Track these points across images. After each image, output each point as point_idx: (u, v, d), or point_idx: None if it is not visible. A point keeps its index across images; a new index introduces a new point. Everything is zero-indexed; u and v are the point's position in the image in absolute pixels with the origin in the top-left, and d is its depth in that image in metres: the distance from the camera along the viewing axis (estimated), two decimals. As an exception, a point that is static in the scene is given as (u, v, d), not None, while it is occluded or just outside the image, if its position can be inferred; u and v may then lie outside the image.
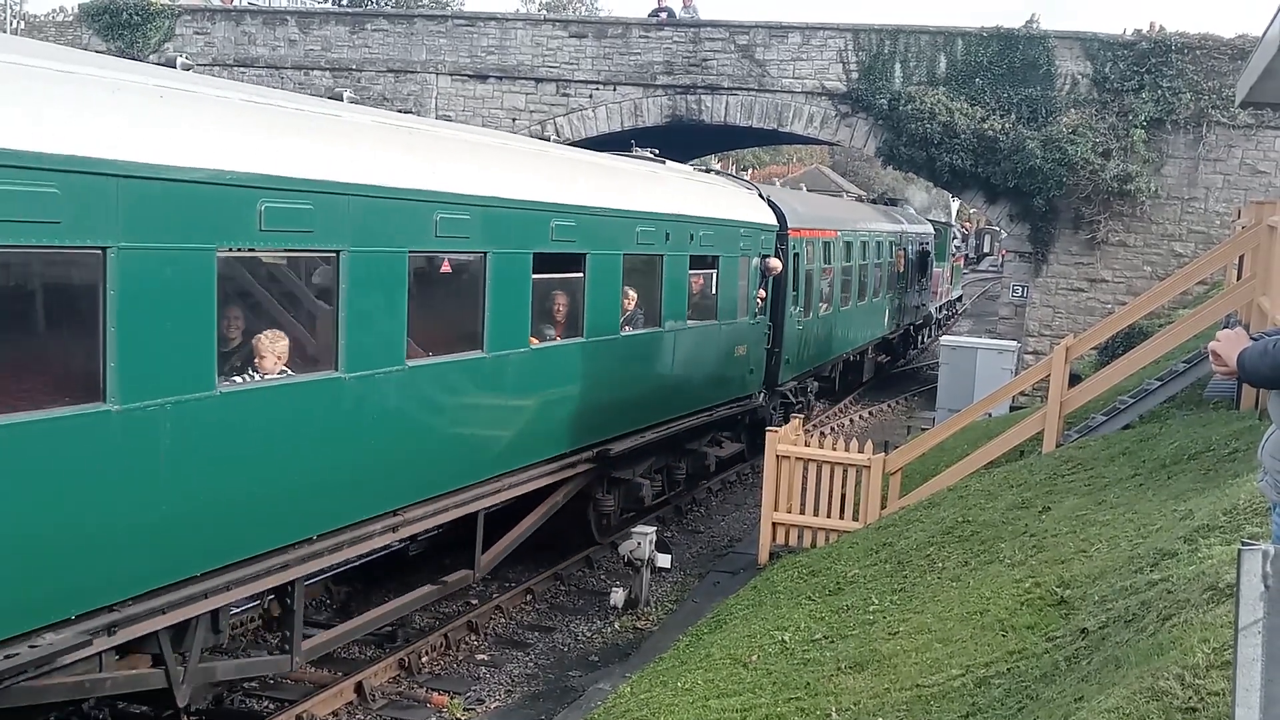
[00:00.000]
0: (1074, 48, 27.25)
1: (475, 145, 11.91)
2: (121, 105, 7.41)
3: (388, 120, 10.88)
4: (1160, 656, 5.70)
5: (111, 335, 7.17)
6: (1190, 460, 10.91)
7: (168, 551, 7.78)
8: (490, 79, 30.49)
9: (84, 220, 6.90)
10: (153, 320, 7.43)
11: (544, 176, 12.63)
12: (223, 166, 7.92)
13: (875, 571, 10.97)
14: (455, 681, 11.53)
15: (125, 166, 7.15)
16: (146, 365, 7.41)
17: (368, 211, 9.37)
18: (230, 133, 8.23)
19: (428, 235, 10.24)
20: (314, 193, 8.78)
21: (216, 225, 7.91)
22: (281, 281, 9.49)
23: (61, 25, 34.05)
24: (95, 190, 6.96)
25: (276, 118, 8.93)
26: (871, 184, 66.53)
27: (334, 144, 9.37)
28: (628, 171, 15.59)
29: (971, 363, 23.67)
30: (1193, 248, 26.07)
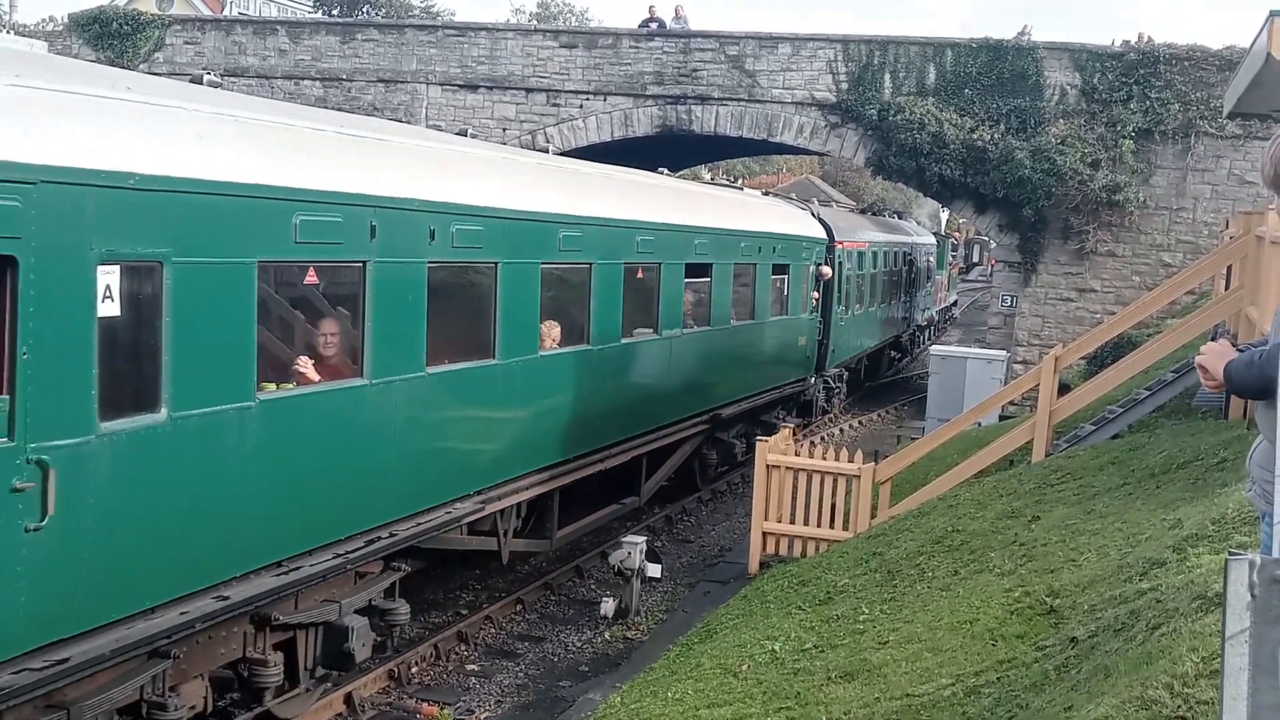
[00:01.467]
0: (1063, 58, 27.36)
1: (623, 182, 16.24)
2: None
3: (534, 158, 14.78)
4: (1149, 665, 5.71)
5: (368, 328, 9.65)
6: (1179, 470, 10.94)
7: (503, 461, 12.17)
8: (481, 89, 30.51)
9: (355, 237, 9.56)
10: (392, 318, 9.93)
11: (688, 207, 17.46)
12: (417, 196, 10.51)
13: (865, 581, 10.97)
14: (445, 692, 11.52)
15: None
16: (386, 354, 9.86)
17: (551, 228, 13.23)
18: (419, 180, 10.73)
19: (631, 250, 14.86)
20: (486, 217, 11.56)
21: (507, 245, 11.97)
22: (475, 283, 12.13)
23: (51, 34, 34.02)
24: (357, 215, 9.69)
25: (390, 154, 10.67)
26: (861, 194, 66.61)
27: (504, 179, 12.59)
28: (730, 200, 20.75)
29: (961, 372, 23.71)
30: (1181, 257, 26.16)
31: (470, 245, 11.16)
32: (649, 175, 18.09)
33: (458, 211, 10.85)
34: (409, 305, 10.20)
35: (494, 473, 12.01)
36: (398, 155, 10.64)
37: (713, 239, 17.57)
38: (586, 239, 13.54)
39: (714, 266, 17.65)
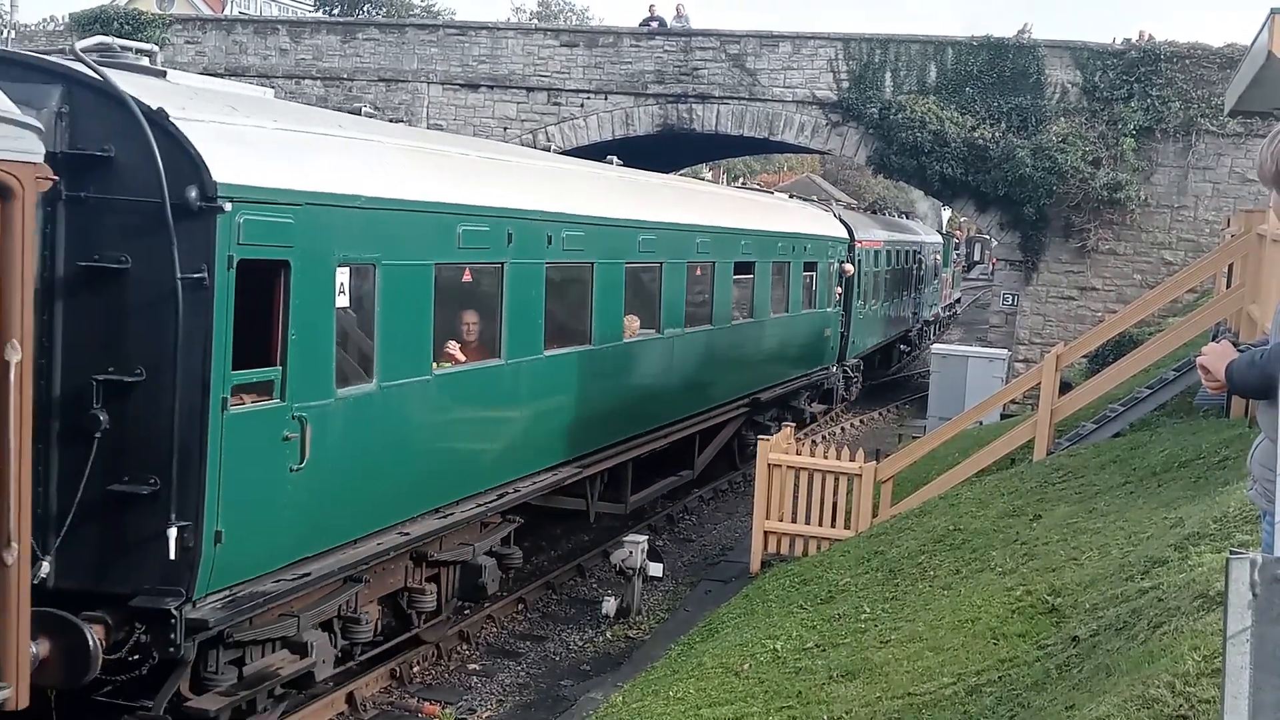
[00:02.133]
0: (1064, 57, 27.36)
1: (683, 190, 19.50)
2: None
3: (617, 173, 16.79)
4: (1151, 664, 5.72)
5: (505, 318, 11.64)
6: (1181, 468, 10.94)
7: (593, 434, 14.04)
8: (482, 88, 30.51)
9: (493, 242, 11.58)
10: (521, 310, 11.93)
11: (734, 211, 19.79)
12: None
13: (867, 580, 10.98)
14: (447, 691, 11.52)
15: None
16: (517, 339, 11.94)
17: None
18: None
19: (692, 250, 16.83)
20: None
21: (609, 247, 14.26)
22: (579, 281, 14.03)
23: (52, 35, 34.03)
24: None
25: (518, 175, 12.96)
26: (862, 192, 66.58)
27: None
28: (767, 204, 23.12)
29: (962, 371, 23.72)
30: (1182, 256, 26.15)
31: (575, 248, 13.24)
32: (701, 184, 21.91)
33: (566, 220, 12.97)
34: (533, 299, 12.32)
35: (586, 443, 13.97)
36: (521, 173, 13.16)
37: (755, 240, 19.71)
38: (658, 241, 15.59)
39: (756, 265, 19.70)
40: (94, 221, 7.82)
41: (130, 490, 7.84)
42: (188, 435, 7.89)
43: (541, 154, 15.05)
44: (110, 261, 7.82)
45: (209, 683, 8.65)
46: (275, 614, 8.92)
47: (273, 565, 8.76)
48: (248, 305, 8.23)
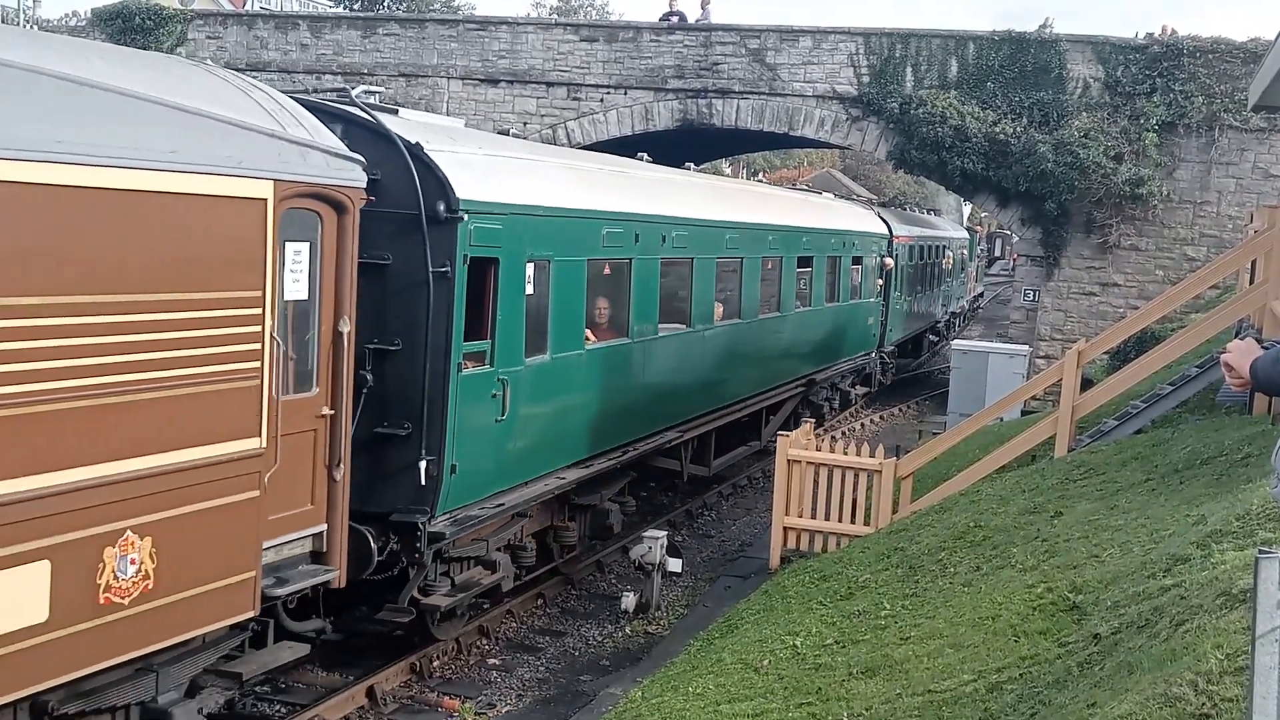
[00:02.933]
0: (1085, 51, 27.21)
1: (756, 194, 23.10)
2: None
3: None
4: (1173, 662, 5.69)
5: (632, 304, 14.28)
6: (1203, 465, 10.88)
7: (689, 405, 16.53)
8: (501, 83, 30.52)
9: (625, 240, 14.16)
10: (643, 297, 14.54)
11: (795, 211, 22.22)
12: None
13: (887, 576, 10.95)
14: (466, 686, 11.54)
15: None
16: (639, 321, 14.54)
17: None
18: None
19: (765, 246, 19.28)
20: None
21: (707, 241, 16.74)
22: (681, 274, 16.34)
23: (74, 30, 34.15)
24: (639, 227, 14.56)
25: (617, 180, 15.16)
26: (882, 187, 66.44)
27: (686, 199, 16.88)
28: (819, 204, 25.26)
29: (983, 367, 23.63)
30: (1205, 252, 25.99)
31: (680, 246, 15.58)
32: (769, 187, 25.40)
33: (675, 222, 15.49)
34: (651, 288, 14.85)
35: (683, 412, 16.36)
36: (641, 183, 15.76)
37: (813, 237, 22.12)
38: (739, 239, 17.85)
39: (814, 259, 22.11)
40: (365, 228, 9.55)
41: (390, 432, 10.20)
42: (434, 391, 10.28)
43: (650, 166, 17.54)
44: (377, 258, 9.93)
45: (430, 589, 10.97)
46: (469, 538, 11.16)
47: (482, 495, 11.24)
48: (470, 292, 10.64)
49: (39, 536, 6.66)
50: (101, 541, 7.05)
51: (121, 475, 7.11)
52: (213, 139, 7.86)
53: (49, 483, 6.71)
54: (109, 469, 7.05)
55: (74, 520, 6.85)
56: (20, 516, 6.53)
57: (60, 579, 6.80)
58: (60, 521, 6.78)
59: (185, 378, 7.57)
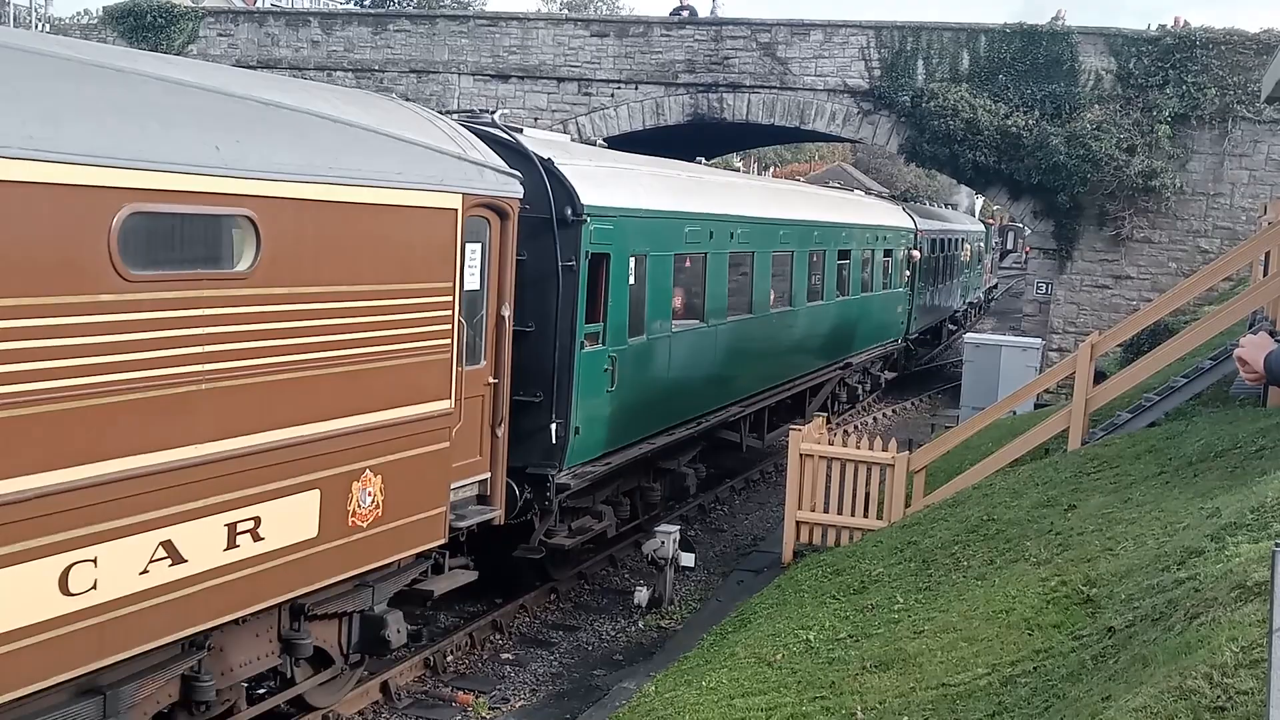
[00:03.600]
0: (1098, 43, 27.14)
1: (803, 193, 24.50)
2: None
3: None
4: (1188, 655, 5.68)
5: (707, 292, 16.45)
6: (1217, 458, 10.85)
7: (750, 382, 18.75)
8: (512, 79, 30.53)
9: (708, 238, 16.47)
10: (715, 286, 16.67)
11: (836, 209, 24.11)
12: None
13: (900, 570, 10.94)
14: (481, 680, 11.57)
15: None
16: (713, 307, 16.70)
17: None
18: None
19: (811, 240, 21.34)
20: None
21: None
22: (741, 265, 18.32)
23: (86, 28, 34.24)
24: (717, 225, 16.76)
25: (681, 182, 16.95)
26: (894, 181, 66.30)
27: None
28: (855, 201, 27.30)
29: (996, 360, 23.58)
30: (1218, 244, 25.93)
31: (744, 241, 17.71)
32: (812, 187, 27.31)
33: (740, 220, 17.65)
34: (721, 279, 16.93)
35: (743, 389, 18.36)
36: (711, 186, 17.81)
37: (851, 231, 24.22)
38: (790, 234, 20.03)
39: (852, 252, 24.21)
40: None
41: (526, 399, 12.02)
42: (562, 365, 12.39)
43: (717, 170, 20.07)
44: (515, 255, 11.33)
45: (552, 533, 13.00)
46: (584, 490, 13.26)
47: (595, 454, 13.32)
48: (589, 283, 12.68)
49: (313, 470, 8.59)
50: (351, 476, 8.98)
51: (363, 426, 9.06)
52: (421, 162, 9.82)
53: (323, 429, 8.63)
54: (357, 420, 9.01)
55: (334, 460, 8.78)
56: (303, 455, 8.45)
57: (325, 505, 8.73)
58: (326, 460, 8.68)
59: (405, 350, 9.52)
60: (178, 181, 7.29)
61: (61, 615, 6.72)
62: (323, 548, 8.74)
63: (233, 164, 7.69)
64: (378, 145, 9.34)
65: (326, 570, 8.87)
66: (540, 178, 12.06)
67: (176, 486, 7.38)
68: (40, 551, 6.55)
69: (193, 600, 7.64)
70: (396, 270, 9.39)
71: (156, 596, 7.34)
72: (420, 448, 9.75)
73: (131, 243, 7.00)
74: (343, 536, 8.93)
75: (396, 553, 9.72)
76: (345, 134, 9.05)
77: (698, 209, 16.10)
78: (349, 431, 8.88)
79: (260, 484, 8.09)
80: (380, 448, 9.25)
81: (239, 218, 7.84)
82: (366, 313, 9.04)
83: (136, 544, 7.16)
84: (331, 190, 8.56)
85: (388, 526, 9.41)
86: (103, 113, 7.07)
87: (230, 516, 7.86)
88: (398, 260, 9.41)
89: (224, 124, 7.91)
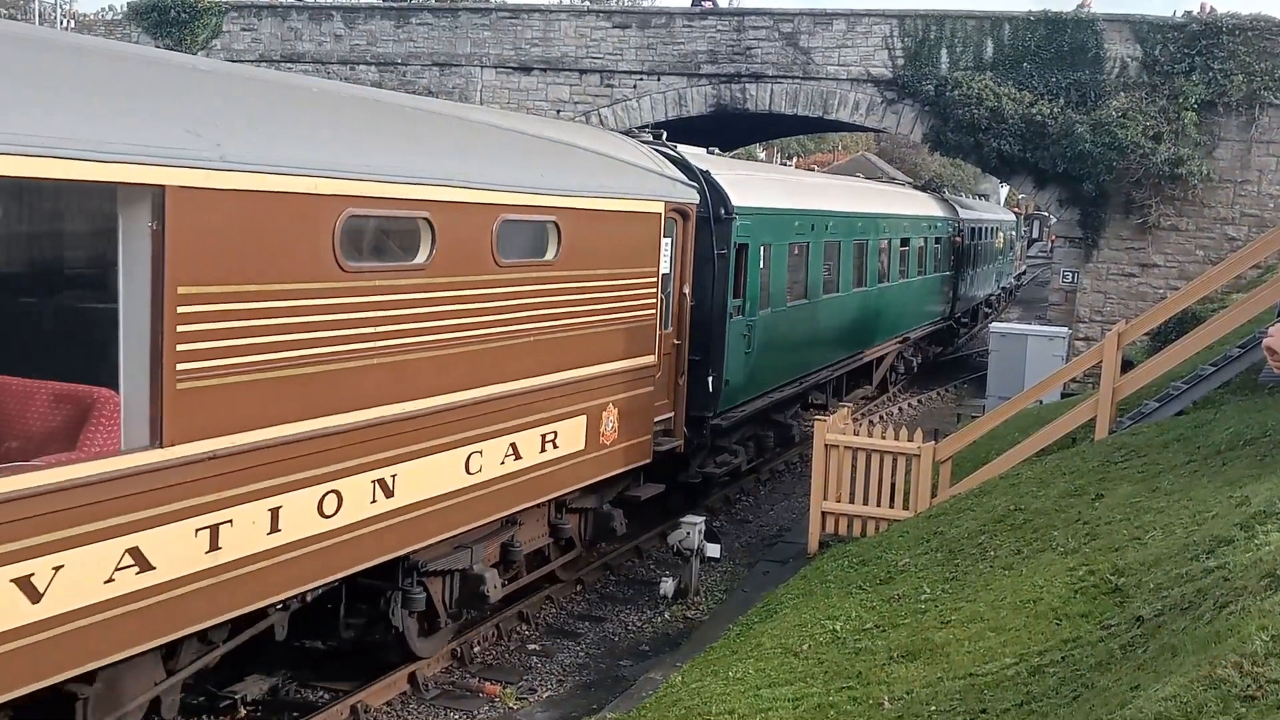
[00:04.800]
0: (1123, 30, 26.95)
1: (875, 190, 28.40)
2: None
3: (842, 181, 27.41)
4: (1217, 644, 5.65)
5: (809, 274, 19.94)
6: (1246, 446, 10.78)
7: (838, 350, 22.59)
8: (534, 71, 30.55)
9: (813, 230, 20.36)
10: (814, 268, 20.03)
11: (898, 203, 28.15)
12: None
13: (926, 560, 10.92)
14: (507, 671, 11.61)
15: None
16: (814, 286, 20.21)
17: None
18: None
19: (881, 231, 24.93)
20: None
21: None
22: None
23: (110, 24, 34.43)
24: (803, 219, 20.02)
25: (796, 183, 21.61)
26: (918, 170, 66.06)
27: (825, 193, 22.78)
28: (908, 195, 31.49)
29: (1022, 349, 23.50)
30: (1246, 231, 25.72)
31: (835, 231, 21.27)
32: (878, 184, 31.02)
33: (832, 215, 21.26)
34: (818, 263, 20.38)
35: (830, 357, 21.99)
36: (809, 186, 21.64)
37: (910, 221, 27.74)
38: (865, 225, 23.57)
39: (910, 240, 27.53)
40: None
41: (695, 358, 15.06)
42: (717, 330, 15.84)
43: (810, 173, 24.48)
44: (693, 246, 14.58)
45: (704, 464, 16.55)
46: (728, 430, 16.93)
47: (737, 403, 16.93)
48: (735, 266, 16.18)
49: (582, 401, 11.94)
50: (601, 407, 12.34)
51: (609, 372, 12.44)
52: (638, 179, 13.31)
53: (586, 373, 11.98)
54: (606, 367, 12.39)
55: (593, 395, 12.15)
56: (576, 390, 11.78)
57: (589, 426, 12.14)
58: (588, 395, 12.04)
59: (631, 318, 12.91)
60: (527, 199, 10.78)
61: (466, 486, 10.14)
62: (586, 457, 12.19)
63: (546, 186, 11.10)
64: (613, 168, 12.93)
65: (587, 474, 12.31)
66: (701, 186, 15.13)
67: (516, 407, 10.76)
68: (453, 443, 9.94)
69: (519, 488, 10.98)
70: (627, 259, 12.79)
71: (502, 483, 10.66)
72: (638, 389, 13.22)
73: (503, 239, 10.37)
74: (596, 450, 12.39)
75: (624, 465, 13.13)
76: (600, 162, 12.87)
77: (802, 206, 19.67)
78: (600, 375, 12.28)
79: (556, 409, 11.45)
80: (617, 388, 12.68)
81: (548, 223, 11.26)
82: (610, 290, 12.39)
83: (502, 444, 10.63)
84: (593, 201, 12.00)
85: (620, 446, 12.91)
86: (461, 152, 10.49)
87: (544, 430, 11.30)
88: (627, 251, 12.80)
89: (536, 158, 11.52)
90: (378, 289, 8.84)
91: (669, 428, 14.39)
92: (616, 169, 12.91)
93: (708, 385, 15.49)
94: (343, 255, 8.41)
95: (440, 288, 9.53)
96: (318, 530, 8.46)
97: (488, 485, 10.39)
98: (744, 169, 19.21)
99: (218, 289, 7.45)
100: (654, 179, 13.69)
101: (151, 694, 8.03)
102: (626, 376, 12.79)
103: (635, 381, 13.03)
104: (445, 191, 9.48)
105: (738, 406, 16.86)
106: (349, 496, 8.71)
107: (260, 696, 9.85)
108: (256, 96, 8.82)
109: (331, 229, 8.29)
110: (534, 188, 10.79)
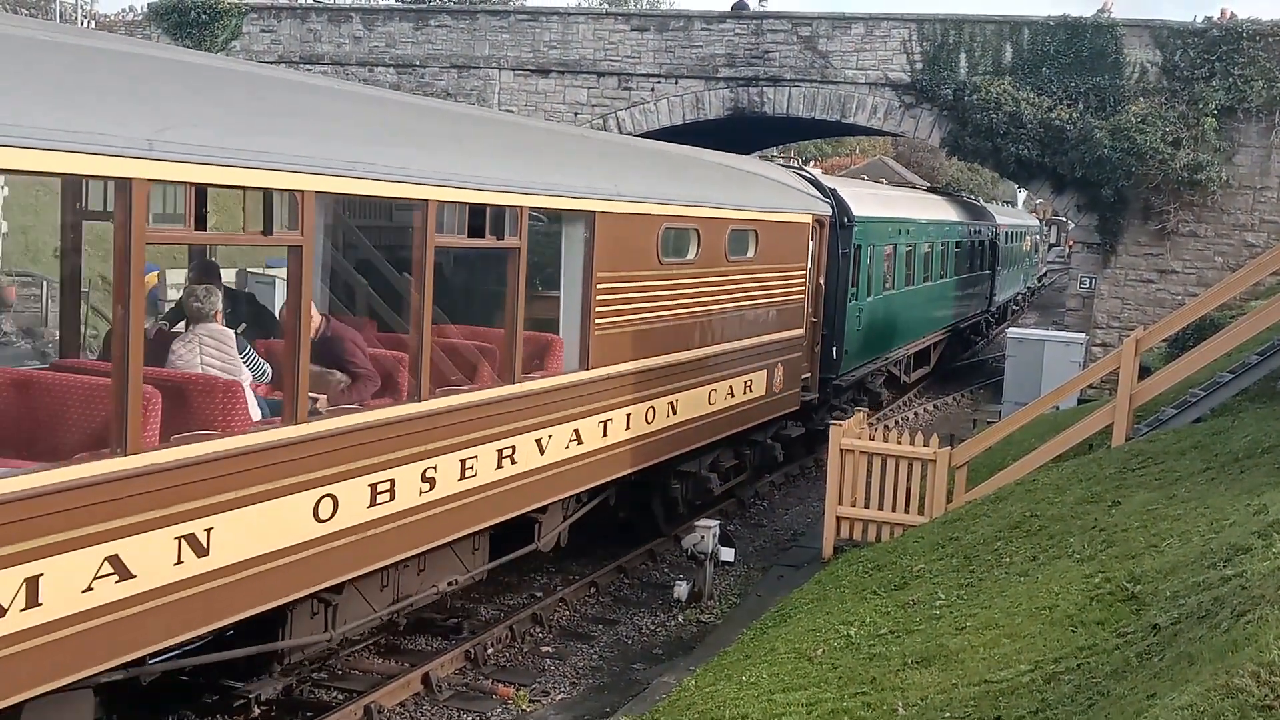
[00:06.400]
0: (1142, 36, 26.86)
1: (944, 199, 34.66)
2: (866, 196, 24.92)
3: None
4: (1235, 653, 5.62)
5: (898, 269, 25.70)
6: (1264, 454, 10.74)
7: (918, 331, 28.63)
8: (552, 73, 30.57)
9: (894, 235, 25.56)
10: (900, 265, 25.73)
11: (949, 209, 32.85)
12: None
13: (941, 566, 10.89)
14: (521, 673, 11.60)
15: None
16: (906, 278, 26.37)
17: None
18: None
19: (954, 234, 31.86)
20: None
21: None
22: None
23: (131, 24, 34.59)
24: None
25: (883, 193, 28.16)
26: (936, 175, 65.97)
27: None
28: (958, 202, 36.06)
29: (1039, 355, 23.43)
30: (1265, 238, 25.59)
31: (916, 235, 26.32)
32: (936, 195, 34.31)
33: (912, 222, 26.26)
34: (904, 261, 25.47)
35: (906, 339, 26.74)
36: (896, 198, 27.67)
37: (960, 227, 32.62)
38: (935, 230, 28.88)
39: (961, 242, 32.41)
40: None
41: (825, 333, 19.51)
42: (839, 312, 20.38)
43: (901, 188, 31.65)
44: (827, 247, 19.27)
45: (824, 418, 19.10)
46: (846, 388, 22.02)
47: (851, 368, 21.84)
48: (853, 263, 20.92)
49: (764, 360, 16.47)
50: (772, 365, 16.80)
51: (777, 339, 16.90)
52: (795, 197, 18.03)
53: (770, 339, 16.63)
54: (776, 336, 16.84)
55: (769, 356, 16.63)
56: (761, 352, 16.27)
57: (767, 378, 16.65)
58: (766, 357, 16.51)
59: (790, 300, 17.26)
60: (743, 215, 15.44)
61: (708, 414, 14.85)
62: (765, 400, 16.65)
63: (750, 205, 15.81)
64: (782, 190, 17.91)
65: (763, 414, 16.75)
66: (828, 198, 19.69)
67: (733, 360, 15.27)
68: (702, 383, 14.57)
69: (729, 419, 15.48)
70: (790, 256, 17.23)
71: (720, 415, 15.15)
72: (792, 354, 17.59)
73: (731, 243, 15.01)
74: (769, 396, 16.79)
75: (784, 410, 17.63)
76: (774, 186, 17.79)
77: (896, 214, 24.85)
78: (775, 341, 16.78)
79: (752, 364, 15.95)
80: (783, 351, 17.16)
81: (751, 231, 15.64)
82: (783, 279, 16.87)
83: (725, 385, 15.20)
84: (775, 215, 16.56)
85: (782, 394, 17.31)
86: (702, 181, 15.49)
87: (746, 378, 15.81)
88: (790, 251, 17.23)
89: (743, 187, 16.39)
90: (675, 275, 13.57)
91: (808, 384, 18.81)
92: (783, 191, 17.93)
93: (832, 353, 20.23)
94: (661, 253, 13.12)
95: (701, 275, 14.23)
96: (649, 430, 13.28)
97: (717, 414, 15.07)
98: (853, 185, 24.69)
99: (610, 274, 12.04)
100: (804, 197, 18.55)
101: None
102: (789, 343, 17.41)
103: (792, 347, 17.58)
104: (705, 211, 14.29)
105: (850, 371, 21.89)
106: (659, 411, 13.43)
107: (274, 696, 9.86)
108: (587, 151, 13.35)
109: (655, 236, 12.92)
110: (744, 206, 15.56)
